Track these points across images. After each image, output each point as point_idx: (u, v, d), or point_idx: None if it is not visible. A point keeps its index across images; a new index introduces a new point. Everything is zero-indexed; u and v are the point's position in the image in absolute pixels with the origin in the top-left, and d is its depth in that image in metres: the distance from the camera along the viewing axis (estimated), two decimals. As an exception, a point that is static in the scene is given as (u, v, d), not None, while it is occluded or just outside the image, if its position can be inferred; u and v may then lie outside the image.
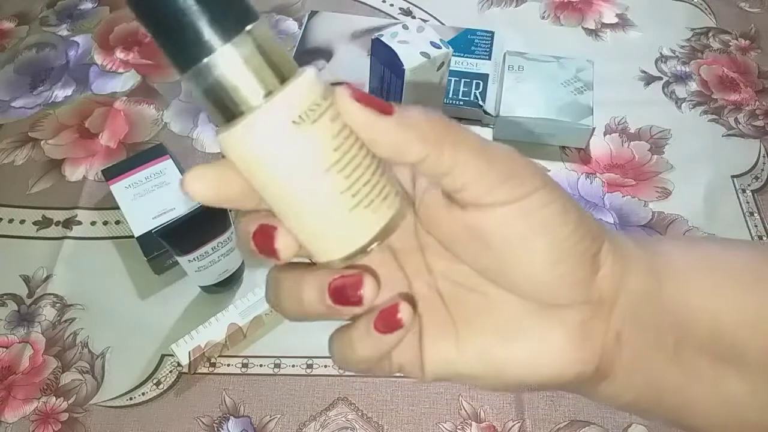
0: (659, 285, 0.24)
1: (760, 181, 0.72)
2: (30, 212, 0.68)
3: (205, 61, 0.20)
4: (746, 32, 0.87)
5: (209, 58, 0.20)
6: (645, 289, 0.24)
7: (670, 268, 0.25)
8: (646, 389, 0.25)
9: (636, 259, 0.25)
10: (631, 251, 0.25)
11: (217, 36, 0.20)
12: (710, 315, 0.24)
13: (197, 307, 0.61)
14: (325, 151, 0.20)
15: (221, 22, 0.20)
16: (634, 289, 0.24)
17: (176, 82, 0.80)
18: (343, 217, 0.21)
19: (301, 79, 0.21)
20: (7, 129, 0.76)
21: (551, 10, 0.90)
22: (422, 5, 0.89)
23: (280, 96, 0.20)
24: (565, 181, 0.71)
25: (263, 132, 0.20)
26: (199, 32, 0.19)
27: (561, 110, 0.71)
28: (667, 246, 0.26)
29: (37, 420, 0.55)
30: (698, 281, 0.25)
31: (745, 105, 0.79)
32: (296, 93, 0.20)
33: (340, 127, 0.21)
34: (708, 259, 0.25)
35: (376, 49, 0.58)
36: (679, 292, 0.24)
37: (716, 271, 0.25)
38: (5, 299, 0.62)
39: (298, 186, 0.21)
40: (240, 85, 0.20)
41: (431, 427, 0.55)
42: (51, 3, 0.90)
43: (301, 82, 0.21)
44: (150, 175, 0.65)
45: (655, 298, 0.24)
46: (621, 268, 0.24)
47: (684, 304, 0.24)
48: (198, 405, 0.56)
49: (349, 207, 0.21)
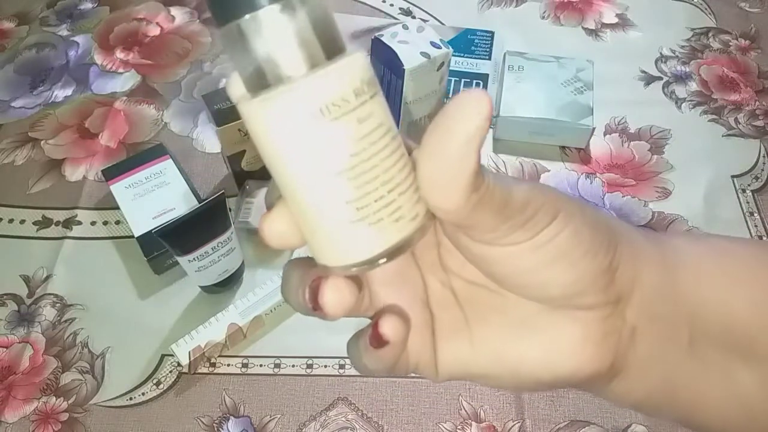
0: (672, 278, 0.24)
1: (760, 181, 0.72)
2: (30, 212, 0.68)
3: (246, 17, 0.18)
4: (746, 32, 0.87)
5: (250, 15, 0.18)
6: (658, 282, 0.24)
7: (682, 260, 0.25)
8: (658, 385, 0.25)
9: (648, 254, 0.24)
10: (643, 246, 0.24)
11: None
12: (722, 307, 0.24)
13: (197, 307, 0.61)
14: (339, 154, 0.19)
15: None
16: (648, 283, 0.24)
17: (176, 82, 0.80)
18: (342, 228, 0.20)
19: (336, 67, 0.18)
20: (7, 129, 0.76)
21: (551, 10, 0.90)
22: (422, 5, 0.89)
23: (304, 81, 0.18)
24: (565, 181, 0.71)
25: (278, 115, 0.18)
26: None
27: (561, 110, 0.71)
28: (677, 239, 0.26)
29: (37, 420, 0.55)
30: (709, 273, 0.24)
31: (745, 105, 0.79)
32: (323, 82, 0.18)
33: (368, 131, 0.19)
34: (718, 251, 0.25)
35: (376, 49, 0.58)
36: (691, 285, 0.24)
37: (726, 263, 0.25)
38: (5, 299, 0.62)
39: (304, 181, 0.19)
40: (271, 56, 0.18)
41: (431, 427, 0.55)
42: (51, 3, 0.90)
43: (335, 71, 0.18)
44: (150, 175, 0.65)
45: (668, 291, 0.24)
46: (634, 264, 0.24)
47: (696, 296, 0.24)
48: (198, 405, 0.56)
49: (351, 219, 0.19)
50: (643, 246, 0.24)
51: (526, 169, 0.72)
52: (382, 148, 0.19)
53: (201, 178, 0.71)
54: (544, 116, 0.71)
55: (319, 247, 0.21)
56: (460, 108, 0.19)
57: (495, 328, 0.24)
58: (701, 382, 0.24)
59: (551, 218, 0.21)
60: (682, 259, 0.25)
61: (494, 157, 0.73)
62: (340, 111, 0.18)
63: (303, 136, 0.18)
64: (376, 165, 0.19)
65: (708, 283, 0.24)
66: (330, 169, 0.19)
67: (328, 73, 0.18)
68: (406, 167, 0.20)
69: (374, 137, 0.19)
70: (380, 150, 0.19)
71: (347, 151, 0.19)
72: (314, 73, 0.18)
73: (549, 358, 0.24)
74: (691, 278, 0.24)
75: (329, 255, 0.21)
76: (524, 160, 0.73)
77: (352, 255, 0.20)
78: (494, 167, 0.72)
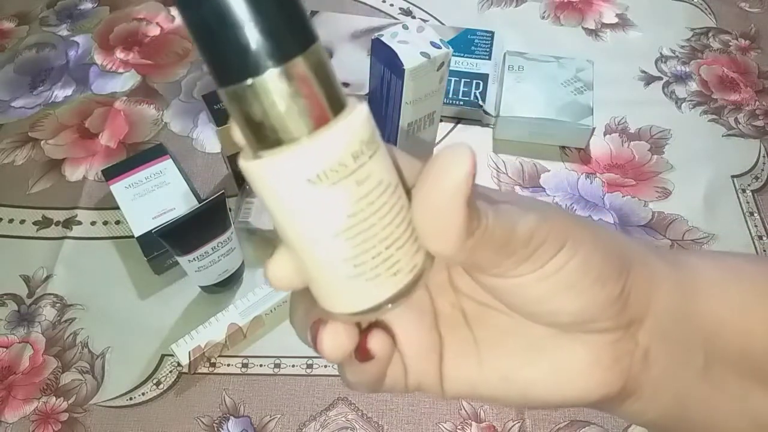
0: (688, 301, 0.24)
1: (760, 181, 0.72)
2: (30, 212, 0.68)
3: (247, 82, 0.17)
4: (746, 32, 0.87)
5: (251, 80, 0.17)
6: (674, 306, 0.24)
7: (698, 283, 0.24)
8: (671, 406, 0.25)
9: (664, 277, 0.24)
10: (658, 268, 0.24)
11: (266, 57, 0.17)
12: (738, 331, 0.24)
13: (197, 307, 0.61)
14: (337, 217, 0.18)
15: (276, 41, 0.17)
16: (663, 306, 0.24)
17: (176, 82, 0.80)
18: (340, 282, 0.20)
19: (334, 131, 0.18)
20: (7, 129, 0.76)
21: (551, 10, 0.90)
22: (422, 5, 0.89)
23: (302, 147, 0.18)
24: (565, 181, 0.71)
25: (275, 178, 0.18)
26: (247, 50, 0.17)
27: (561, 110, 0.71)
28: (694, 259, 0.26)
29: (37, 420, 0.55)
30: (726, 296, 0.24)
31: (745, 105, 0.79)
32: (321, 148, 0.18)
33: (367, 192, 0.19)
34: (735, 273, 0.25)
35: (376, 49, 0.58)
36: (707, 308, 0.24)
37: (744, 286, 0.25)
38: (5, 299, 0.62)
39: (301, 239, 0.19)
40: (270, 120, 0.18)
41: (431, 427, 0.55)
42: (51, 3, 0.90)
43: (333, 135, 0.18)
44: (150, 175, 0.65)
45: (683, 314, 0.24)
46: (648, 288, 0.23)
47: (713, 320, 0.24)
48: (198, 405, 0.56)
49: (349, 276, 0.19)
50: (658, 268, 0.24)
51: (526, 169, 0.72)
52: (380, 207, 0.19)
53: (201, 178, 0.71)
54: (544, 116, 0.71)
55: (319, 294, 0.21)
56: (444, 163, 0.19)
57: (504, 350, 0.24)
58: (715, 404, 0.24)
59: (558, 248, 0.21)
60: (698, 281, 0.24)
61: (494, 157, 0.73)
62: (337, 176, 0.18)
63: (299, 200, 0.18)
64: (374, 224, 0.19)
65: (724, 306, 0.24)
66: (327, 231, 0.19)
67: (326, 139, 0.18)
68: (405, 220, 0.20)
69: (372, 197, 0.19)
70: (378, 209, 0.19)
71: (345, 212, 0.19)
72: (312, 139, 0.18)
73: (558, 381, 0.24)
74: (708, 301, 0.24)
75: (328, 302, 0.21)
76: (524, 160, 0.73)
77: (350, 306, 0.20)
78: (494, 167, 0.72)
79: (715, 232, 0.67)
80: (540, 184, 0.71)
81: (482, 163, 0.73)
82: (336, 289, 0.20)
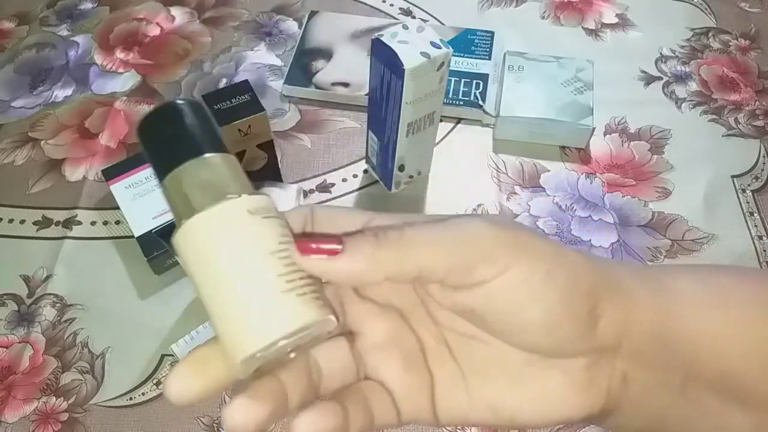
0: (667, 326, 0.25)
1: (760, 181, 0.72)
2: (30, 212, 0.68)
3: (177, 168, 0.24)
4: (746, 32, 0.87)
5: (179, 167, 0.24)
6: (652, 330, 0.25)
7: (679, 307, 0.25)
8: (652, 421, 0.26)
9: (641, 302, 0.25)
10: (636, 293, 0.25)
11: (188, 151, 0.24)
12: (719, 356, 0.24)
13: (197, 307, 0.61)
14: (271, 239, 0.23)
15: (190, 144, 0.25)
16: (640, 330, 0.24)
17: (176, 82, 0.80)
18: (274, 298, 0.22)
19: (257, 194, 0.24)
20: (7, 129, 0.76)
21: (551, 10, 0.90)
22: (422, 5, 0.89)
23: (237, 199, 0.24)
24: (565, 181, 0.71)
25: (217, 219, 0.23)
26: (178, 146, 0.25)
27: (561, 110, 0.71)
28: (682, 283, 0.26)
29: (37, 420, 0.55)
30: (708, 321, 0.25)
31: (745, 105, 0.79)
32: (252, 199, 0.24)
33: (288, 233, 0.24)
34: (722, 297, 0.26)
35: (376, 49, 0.58)
36: (687, 334, 0.25)
37: (729, 312, 0.25)
38: (5, 299, 0.62)
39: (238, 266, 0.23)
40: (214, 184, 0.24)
41: (431, 427, 0.55)
42: (51, 3, 0.90)
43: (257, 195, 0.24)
44: (150, 175, 0.65)
45: (662, 338, 0.25)
46: (624, 313, 0.24)
47: (692, 345, 0.24)
48: (198, 405, 0.56)
49: (282, 290, 0.22)
50: (636, 295, 0.25)
51: (526, 169, 0.72)
52: None
53: (201, 178, 0.70)
54: (544, 116, 0.71)
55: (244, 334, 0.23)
56: None
57: (488, 381, 0.26)
58: (694, 420, 0.25)
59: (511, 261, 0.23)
60: (681, 306, 0.25)
61: (494, 157, 0.73)
62: (267, 215, 0.24)
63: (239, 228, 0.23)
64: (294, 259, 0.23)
65: (704, 332, 0.25)
66: (264, 250, 0.23)
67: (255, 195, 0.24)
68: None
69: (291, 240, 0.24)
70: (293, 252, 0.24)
71: (276, 239, 0.23)
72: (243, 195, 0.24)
73: (541, 406, 0.25)
74: (688, 327, 0.25)
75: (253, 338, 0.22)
76: (524, 160, 0.73)
77: (279, 326, 0.22)
78: (494, 167, 0.72)
79: (715, 232, 0.67)
80: (540, 184, 0.71)
81: (482, 163, 0.73)
82: (268, 308, 0.22)
